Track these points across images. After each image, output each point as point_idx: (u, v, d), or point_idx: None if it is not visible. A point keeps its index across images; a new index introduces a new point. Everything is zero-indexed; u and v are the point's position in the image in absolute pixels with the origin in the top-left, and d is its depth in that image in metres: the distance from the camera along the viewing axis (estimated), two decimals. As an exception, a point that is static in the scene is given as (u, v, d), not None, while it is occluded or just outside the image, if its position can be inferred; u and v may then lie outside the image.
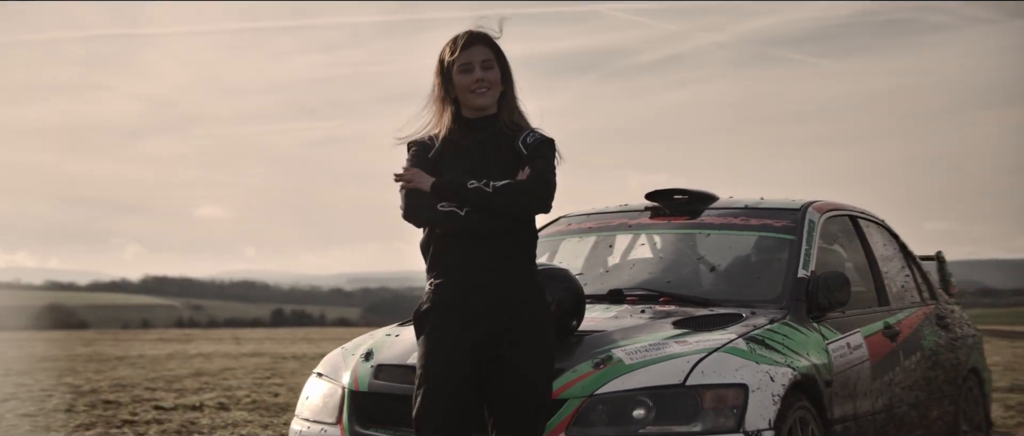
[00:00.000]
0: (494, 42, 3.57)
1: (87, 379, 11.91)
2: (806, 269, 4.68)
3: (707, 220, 5.08)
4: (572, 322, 4.05)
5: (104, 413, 8.69)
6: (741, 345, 4.02)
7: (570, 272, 4.19)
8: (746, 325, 4.23)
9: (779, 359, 4.06)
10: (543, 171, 3.48)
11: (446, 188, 3.44)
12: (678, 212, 5.16)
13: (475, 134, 3.54)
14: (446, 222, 3.44)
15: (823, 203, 5.21)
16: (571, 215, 5.51)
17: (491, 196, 3.42)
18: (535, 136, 3.56)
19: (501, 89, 3.56)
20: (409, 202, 3.48)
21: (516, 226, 3.49)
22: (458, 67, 3.52)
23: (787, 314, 4.44)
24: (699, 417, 3.77)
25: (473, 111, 3.56)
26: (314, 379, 4.39)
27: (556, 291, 4.03)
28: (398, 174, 3.49)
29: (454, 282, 3.47)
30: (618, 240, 5.32)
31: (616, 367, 3.86)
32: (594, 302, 4.63)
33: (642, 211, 5.26)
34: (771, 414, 3.86)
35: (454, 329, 3.45)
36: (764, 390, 3.88)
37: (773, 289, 4.61)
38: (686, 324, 4.23)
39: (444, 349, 3.45)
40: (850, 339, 4.68)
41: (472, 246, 3.45)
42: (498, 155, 3.51)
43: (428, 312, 3.49)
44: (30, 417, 8.47)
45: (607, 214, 5.38)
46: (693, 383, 3.80)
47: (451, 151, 3.54)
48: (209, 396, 9.91)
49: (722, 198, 5.27)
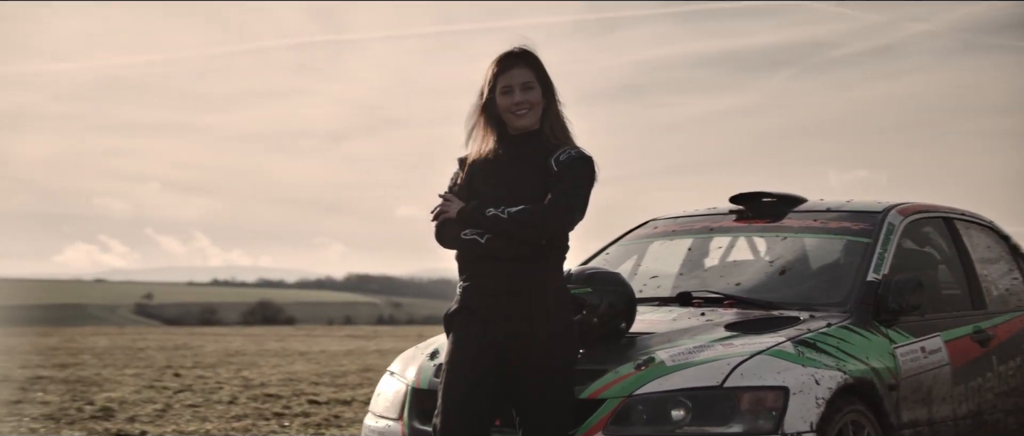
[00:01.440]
0: (535, 60, 3.74)
1: (262, 373, 12.63)
2: (878, 273, 4.66)
3: (787, 223, 5.11)
4: (621, 324, 4.19)
5: (261, 406, 9.26)
6: (788, 348, 4.07)
7: (621, 275, 4.32)
8: (800, 328, 4.27)
9: (829, 362, 4.09)
10: (565, 193, 3.62)
11: (468, 217, 3.64)
12: (761, 215, 5.20)
13: (517, 148, 3.72)
14: (470, 249, 3.66)
15: (911, 205, 5.15)
16: (659, 218, 5.61)
17: (507, 222, 3.59)
18: (568, 154, 3.70)
19: (544, 106, 3.73)
20: (438, 230, 3.71)
21: (536, 245, 3.64)
22: (500, 89, 3.70)
23: (850, 318, 4.45)
24: (736, 419, 3.85)
25: (517, 129, 3.74)
26: (387, 376, 4.66)
27: (606, 294, 4.19)
28: (434, 208, 3.71)
29: (478, 287, 3.67)
30: (715, 243, 5.39)
31: (657, 368, 3.98)
32: (662, 305, 4.75)
33: (726, 214, 5.32)
34: (813, 417, 3.90)
35: (476, 331, 3.65)
36: (807, 393, 3.93)
37: (839, 292, 4.61)
38: (738, 327, 4.30)
39: (465, 349, 3.65)
40: (926, 343, 4.64)
41: (495, 257, 3.64)
42: (530, 172, 3.68)
43: (455, 314, 3.71)
44: (194, 407, 9.11)
45: (693, 217, 5.46)
46: (731, 385, 3.88)
47: (486, 168, 3.73)
48: (364, 392, 10.38)
49: (811, 200, 5.28)
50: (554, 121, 3.74)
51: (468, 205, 3.66)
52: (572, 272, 4.24)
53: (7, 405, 9.37)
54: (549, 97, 3.74)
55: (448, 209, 3.68)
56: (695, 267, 5.21)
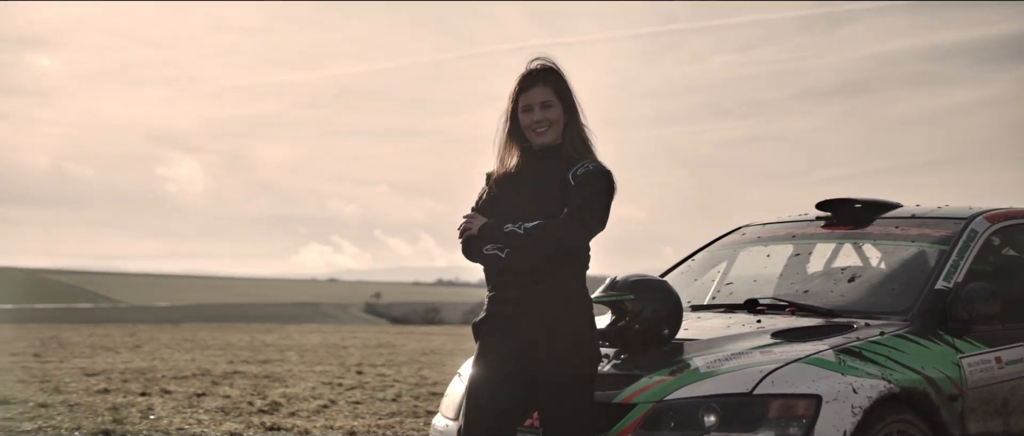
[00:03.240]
0: (556, 77, 3.88)
1: (442, 372, 13.11)
2: (948, 281, 4.56)
3: (869, 230, 5.05)
4: (664, 330, 4.27)
5: (420, 404, 9.66)
6: (828, 356, 4.06)
7: (667, 283, 4.40)
8: (848, 336, 4.24)
9: (873, 371, 4.06)
10: (580, 208, 3.75)
11: (488, 232, 3.81)
12: (847, 222, 5.16)
13: (539, 163, 3.88)
14: (491, 263, 3.84)
15: (1002, 211, 5.00)
16: (750, 225, 5.62)
17: (523, 238, 3.75)
18: (585, 168, 3.82)
19: (564, 122, 3.87)
20: (464, 246, 3.90)
21: (555, 258, 3.78)
22: (521, 107, 3.87)
23: (909, 326, 4.38)
24: (765, 426, 3.88)
25: (538, 145, 3.90)
26: (455, 378, 4.88)
27: (653, 301, 4.29)
28: (459, 225, 3.90)
29: (501, 298, 3.85)
30: (818, 249, 5.37)
31: (690, 374, 4.05)
32: (728, 311, 4.80)
33: (813, 221, 5.29)
34: (848, 426, 3.89)
35: (499, 339, 3.83)
36: (842, 402, 3.91)
37: (905, 301, 4.55)
38: (784, 334, 4.31)
39: (488, 356, 3.83)
40: (1003, 353, 4.51)
41: (515, 270, 3.80)
42: (548, 187, 3.82)
43: (481, 323, 3.90)
44: (356, 404, 9.60)
45: (781, 224, 5.45)
46: (761, 392, 3.92)
47: (508, 183, 3.90)
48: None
49: (906, 206, 5.19)
50: (575, 136, 3.87)
51: (489, 221, 3.84)
52: (617, 279, 4.36)
53: (190, 397, 10.13)
54: (570, 113, 3.87)
55: (471, 226, 3.87)
56: (775, 274, 5.21)
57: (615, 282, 4.35)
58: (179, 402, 9.73)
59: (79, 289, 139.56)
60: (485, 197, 3.94)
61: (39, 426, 7.85)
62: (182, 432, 7.71)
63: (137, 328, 31.84)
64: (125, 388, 11.03)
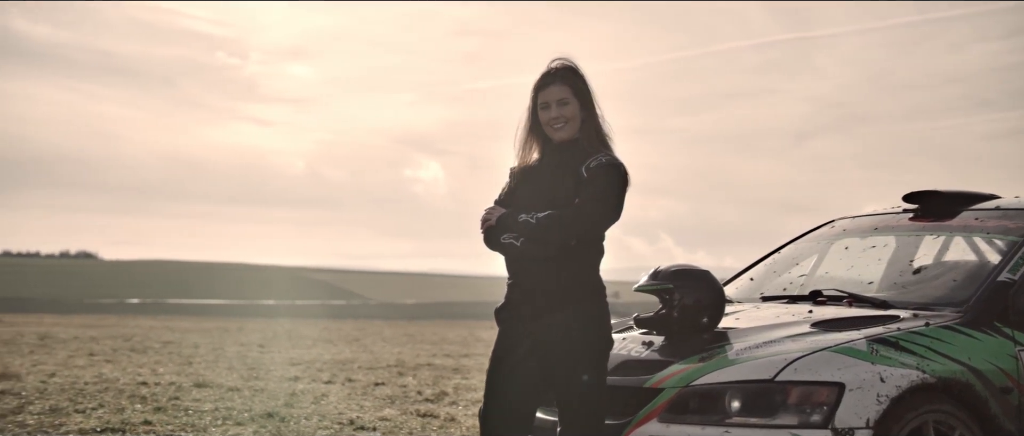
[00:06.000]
0: (572, 76, 4.08)
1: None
2: (1014, 273, 4.46)
3: (949, 222, 4.98)
4: (703, 319, 4.39)
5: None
6: (860, 345, 4.08)
7: (709, 272, 4.50)
8: (888, 327, 4.23)
9: (907, 361, 4.05)
10: (591, 199, 3.92)
11: (505, 223, 4.04)
12: (932, 214, 5.09)
13: (556, 157, 4.09)
14: (508, 252, 4.07)
15: (1091, 203, 4.82)
16: (842, 218, 5.61)
17: (535, 227, 3.95)
18: (598, 161, 3.99)
19: (581, 118, 4.07)
20: (485, 236, 4.12)
21: (567, 246, 3.97)
22: (539, 105, 4.09)
23: (962, 318, 4.33)
24: (786, 412, 3.94)
25: (557, 140, 4.11)
26: None
27: (695, 290, 4.42)
28: (482, 217, 4.13)
29: (517, 285, 4.07)
30: (901, 242, 5.33)
31: (718, 361, 4.15)
32: (791, 302, 4.85)
33: (899, 214, 5.25)
34: (871, 414, 3.90)
35: (515, 325, 4.05)
36: (867, 390, 3.93)
37: (964, 292, 4.48)
38: (823, 324, 4.33)
39: (504, 341, 4.06)
40: (1069, 347, 4.37)
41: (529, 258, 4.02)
42: (563, 179, 4.01)
43: (500, 309, 4.13)
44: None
45: (870, 217, 5.42)
46: (783, 379, 3.98)
47: (527, 176, 4.11)
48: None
49: (1004, 198, 5.08)
50: (592, 131, 4.06)
51: (507, 212, 4.08)
52: (660, 269, 4.51)
53: (367, 386, 10.75)
54: (588, 109, 4.07)
55: (491, 217, 4.11)
56: (852, 266, 5.20)
57: (658, 272, 4.50)
58: (354, 390, 10.35)
59: (334, 287, 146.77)
60: (506, 190, 4.18)
61: (216, 407, 8.58)
62: (341, 416, 8.26)
63: (379, 325, 33.40)
64: (316, 376, 11.79)
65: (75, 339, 18.21)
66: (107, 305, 74.90)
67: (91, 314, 42.00)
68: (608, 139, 4.08)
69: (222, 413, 8.20)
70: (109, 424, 7.46)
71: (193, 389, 9.91)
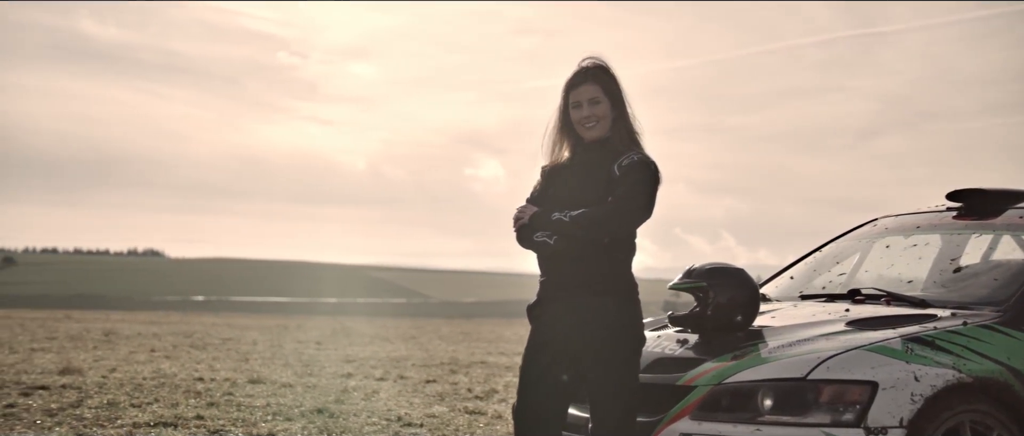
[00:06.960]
0: (603, 75, 4.10)
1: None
2: (1057, 272, 4.41)
3: (993, 221, 4.93)
4: (737, 317, 4.39)
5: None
6: (895, 344, 4.05)
7: (744, 271, 4.50)
8: (925, 326, 4.20)
9: (943, 360, 4.02)
10: (623, 197, 3.94)
11: (537, 221, 4.07)
12: (975, 212, 5.04)
13: (587, 156, 4.12)
14: (541, 250, 4.09)
15: None
16: (885, 217, 5.56)
17: (569, 225, 3.97)
18: (630, 159, 4.01)
19: (612, 117, 4.09)
20: (518, 234, 4.14)
21: (600, 244, 3.99)
22: (571, 104, 4.12)
23: (1000, 317, 4.28)
24: (818, 410, 3.93)
25: (588, 139, 4.13)
26: None
27: (729, 288, 4.42)
28: (515, 215, 4.16)
29: (550, 283, 4.09)
30: (944, 240, 5.29)
31: (751, 359, 4.15)
32: (829, 301, 4.83)
33: (944, 212, 5.20)
34: (905, 413, 3.88)
35: (547, 321, 4.08)
36: (901, 389, 3.91)
37: (1004, 292, 4.44)
38: (858, 323, 4.31)
39: (537, 337, 4.09)
40: (1118, 347, 4.31)
41: (562, 256, 4.05)
42: (595, 177, 4.04)
43: (533, 306, 4.16)
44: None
45: (913, 215, 5.37)
46: (815, 378, 3.97)
47: (559, 175, 4.14)
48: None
49: None
50: (622, 131, 4.07)
51: (539, 210, 4.11)
52: (694, 267, 4.52)
53: (419, 383, 10.84)
54: (619, 108, 4.08)
55: (523, 215, 4.14)
56: (892, 265, 5.17)
57: (692, 270, 4.51)
58: (405, 387, 10.44)
59: (395, 285, 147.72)
60: (538, 189, 4.21)
61: (267, 402, 8.71)
62: (389, 412, 8.34)
63: (437, 323, 33.58)
64: (369, 373, 11.91)
65: (138, 335, 18.55)
66: (172, 302, 76.07)
67: (156, 311, 42.70)
68: (639, 138, 4.10)
69: (273, 409, 8.32)
70: (162, 418, 7.61)
71: (247, 385, 10.06)
